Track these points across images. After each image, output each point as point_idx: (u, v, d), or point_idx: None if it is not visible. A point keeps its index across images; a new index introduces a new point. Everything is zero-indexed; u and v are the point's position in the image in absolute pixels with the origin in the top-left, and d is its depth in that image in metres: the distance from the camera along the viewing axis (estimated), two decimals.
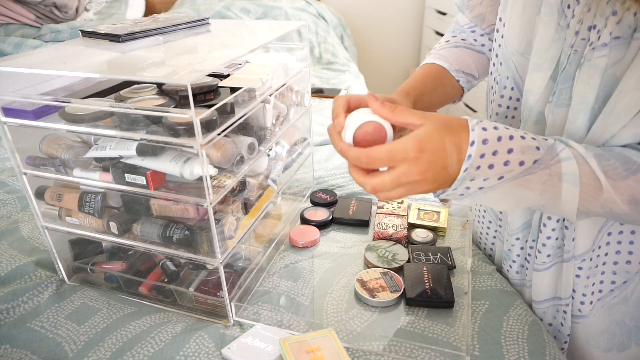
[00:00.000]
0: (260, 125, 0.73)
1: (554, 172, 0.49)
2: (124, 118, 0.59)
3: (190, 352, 0.61)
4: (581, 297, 0.65)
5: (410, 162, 0.47)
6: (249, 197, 0.73)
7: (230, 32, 0.78)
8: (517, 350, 0.61)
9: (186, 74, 0.52)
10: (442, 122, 0.49)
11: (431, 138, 0.47)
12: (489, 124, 0.49)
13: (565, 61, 0.55)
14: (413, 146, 0.47)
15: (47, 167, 0.66)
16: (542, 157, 0.49)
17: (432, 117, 0.49)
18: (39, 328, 0.65)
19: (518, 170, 0.49)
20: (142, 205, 0.65)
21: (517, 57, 0.63)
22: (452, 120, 0.49)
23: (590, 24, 0.51)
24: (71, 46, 0.69)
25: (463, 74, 0.75)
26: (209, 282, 0.70)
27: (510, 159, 0.48)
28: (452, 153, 0.48)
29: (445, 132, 0.48)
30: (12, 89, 0.63)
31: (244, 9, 2.19)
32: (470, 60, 0.76)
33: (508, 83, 0.66)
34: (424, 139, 0.47)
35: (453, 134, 0.48)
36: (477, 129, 0.48)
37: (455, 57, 0.75)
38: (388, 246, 0.80)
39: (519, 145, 0.48)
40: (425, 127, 0.48)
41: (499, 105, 0.68)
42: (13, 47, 1.67)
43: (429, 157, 0.47)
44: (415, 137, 0.47)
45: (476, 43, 0.77)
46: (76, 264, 0.74)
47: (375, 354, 0.61)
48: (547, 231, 0.64)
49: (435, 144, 0.47)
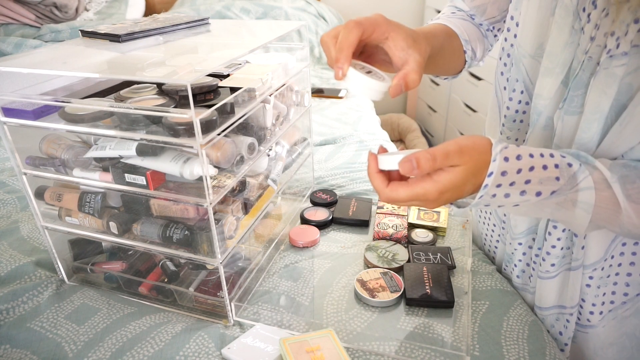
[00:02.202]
0: (260, 125, 0.73)
1: (569, 198, 0.49)
2: (123, 118, 0.59)
3: (190, 352, 0.61)
4: (590, 306, 0.64)
5: (429, 201, 0.50)
6: (249, 197, 0.73)
7: (230, 32, 0.78)
8: (517, 351, 0.61)
9: (186, 74, 0.52)
10: (474, 164, 0.48)
11: (454, 185, 0.48)
12: (512, 153, 0.48)
13: (578, 67, 0.53)
14: (434, 193, 0.48)
15: (47, 167, 0.66)
16: (561, 187, 0.49)
17: (469, 156, 0.48)
18: (39, 328, 0.64)
19: (534, 200, 0.49)
20: (142, 205, 0.65)
21: (528, 60, 0.61)
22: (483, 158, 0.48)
23: (607, 30, 0.50)
24: (71, 46, 0.69)
25: (470, 47, 0.73)
26: (209, 282, 0.70)
27: (527, 190, 0.48)
28: (470, 189, 0.49)
29: (472, 177, 0.48)
30: (12, 89, 0.63)
31: (244, 9, 2.19)
32: (475, 37, 0.74)
33: (518, 86, 0.64)
34: (446, 187, 0.48)
35: (477, 176, 0.48)
36: (498, 160, 0.48)
37: (464, 27, 0.72)
38: (388, 246, 0.80)
39: (538, 177, 0.48)
40: (454, 175, 0.48)
41: (507, 107, 0.66)
42: (13, 47, 1.67)
43: (447, 196, 0.49)
44: (438, 185, 0.48)
45: (479, 27, 0.76)
46: (76, 264, 0.74)
47: (375, 354, 0.61)
48: (552, 240, 0.63)
49: (457, 187, 0.48)
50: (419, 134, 2.44)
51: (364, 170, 1.11)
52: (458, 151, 0.47)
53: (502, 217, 0.76)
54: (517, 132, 0.67)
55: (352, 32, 0.51)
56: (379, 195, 0.52)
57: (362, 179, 1.06)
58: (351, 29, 0.51)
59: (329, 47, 0.53)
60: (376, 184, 0.52)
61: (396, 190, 0.50)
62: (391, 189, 0.50)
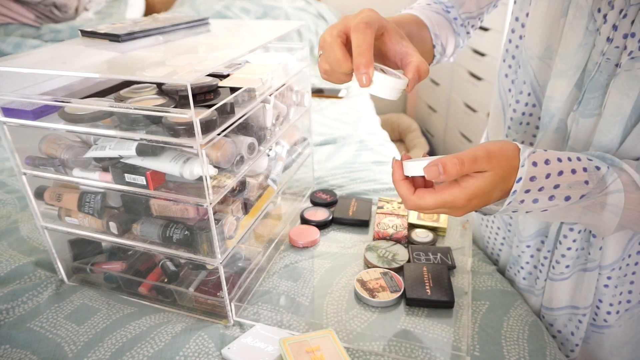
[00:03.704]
0: (260, 125, 0.73)
1: (597, 201, 0.49)
2: (123, 118, 0.59)
3: (190, 352, 0.61)
4: (608, 307, 0.64)
5: (457, 208, 0.48)
6: (249, 197, 0.73)
7: (230, 32, 0.78)
8: (517, 351, 0.61)
9: (186, 74, 0.52)
10: (502, 169, 0.47)
11: (482, 191, 0.47)
12: (540, 157, 0.48)
13: (594, 69, 0.53)
14: (462, 200, 0.47)
15: (46, 167, 0.66)
16: (590, 191, 0.48)
17: (497, 162, 0.47)
18: (39, 328, 0.64)
19: (563, 205, 0.49)
20: (142, 205, 0.65)
21: (536, 62, 0.60)
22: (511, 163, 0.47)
23: (627, 31, 0.49)
24: (71, 46, 0.69)
25: (440, 42, 0.69)
26: (209, 282, 0.70)
27: (556, 194, 0.48)
28: (498, 195, 0.48)
29: (500, 183, 0.47)
30: (12, 88, 0.63)
31: (243, 9, 2.18)
32: (447, 32, 0.71)
33: (525, 88, 0.64)
34: (474, 193, 0.47)
35: (505, 182, 0.47)
36: (527, 165, 0.47)
37: (436, 21, 0.69)
38: (388, 246, 0.80)
39: (567, 181, 0.48)
40: (482, 181, 0.46)
41: (514, 110, 0.66)
42: (13, 46, 1.67)
43: (475, 203, 0.48)
44: (466, 191, 0.47)
45: (453, 22, 0.72)
46: (76, 264, 0.74)
47: (375, 354, 0.61)
48: (567, 242, 0.62)
49: (485, 193, 0.47)
50: (419, 134, 2.44)
51: (364, 170, 1.11)
52: (486, 156, 0.46)
53: (508, 220, 0.75)
54: (524, 135, 0.67)
55: (367, 33, 0.47)
56: (405, 203, 0.50)
57: (362, 179, 1.06)
58: (364, 31, 0.47)
59: (333, 47, 0.49)
60: (402, 191, 0.50)
61: (423, 197, 0.48)
62: (418, 196, 0.49)
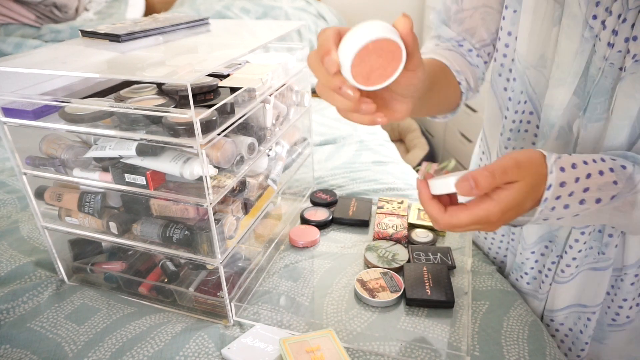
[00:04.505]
0: (260, 125, 0.73)
1: (628, 201, 0.49)
2: (123, 118, 0.59)
3: (190, 352, 0.61)
4: (631, 303, 0.64)
5: (491, 223, 0.47)
6: (249, 197, 0.73)
7: (230, 32, 0.78)
8: (517, 351, 0.61)
9: (186, 74, 0.52)
10: (532, 178, 0.46)
11: (516, 202, 0.46)
12: (566, 162, 0.47)
13: (597, 74, 0.53)
14: (497, 214, 0.46)
15: (46, 167, 0.66)
16: (620, 191, 0.48)
17: (526, 171, 0.46)
18: (39, 328, 0.64)
19: (594, 208, 0.48)
20: (142, 205, 0.65)
21: (531, 71, 0.61)
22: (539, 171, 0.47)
23: (628, 35, 0.49)
24: (71, 46, 0.69)
25: (463, 78, 0.68)
26: (209, 282, 0.70)
27: (586, 198, 0.48)
28: (529, 205, 0.48)
29: (531, 192, 0.47)
30: (12, 89, 0.63)
31: (243, 9, 2.18)
32: (466, 68, 0.69)
33: (522, 97, 0.64)
34: (508, 206, 0.46)
35: (536, 191, 0.47)
36: (555, 171, 0.47)
37: (452, 58, 0.68)
38: (388, 246, 0.80)
39: (596, 183, 0.47)
40: (514, 192, 0.46)
41: (512, 121, 0.66)
42: (13, 47, 1.67)
43: (509, 215, 0.47)
44: (500, 204, 0.46)
45: (468, 55, 0.70)
46: (76, 264, 0.74)
47: (375, 354, 0.61)
48: (578, 246, 0.62)
49: (519, 204, 0.46)
50: (419, 134, 2.44)
51: (364, 170, 1.11)
52: (515, 166, 0.46)
53: (512, 227, 0.75)
54: (522, 142, 0.67)
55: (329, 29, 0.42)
56: (437, 222, 0.49)
57: (362, 179, 1.06)
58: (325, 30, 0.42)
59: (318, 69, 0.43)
60: (432, 211, 0.49)
61: (456, 215, 0.47)
62: (450, 215, 0.47)
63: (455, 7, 0.68)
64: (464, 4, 0.67)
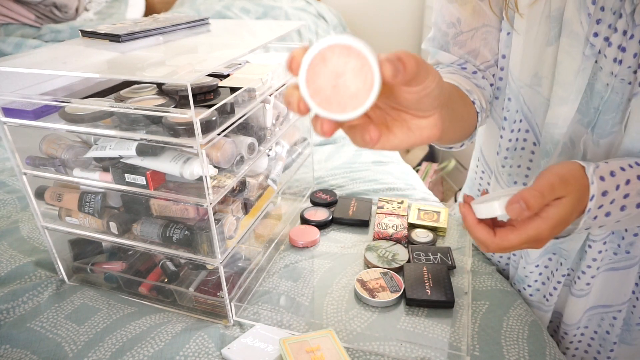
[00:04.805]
0: (260, 125, 0.73)
1: None
2: (123, 118, 0.59)
3: (190, 352, 0.61)
4: None
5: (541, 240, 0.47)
6: (249, 197, 0.73)
7: (230, 32, 0.78)
8: (517, 351, 0.61)
9: (186, 74, 0.52)
10: (577, 191, 0.47)
11: (564, 218, 0.46)
12: (605, 171, 0.48)
13: (605, 90, 0.53)
14: (547, 231, 0.46)
15: (47, 167, 0.66)
16: None
17: (572, 185, 0.46)
18: (39, 328, 0.64)
19: (635, 212, 0.49)
20: (142, 205, 0.65)
21: (526, 90, 0.61)
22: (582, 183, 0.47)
23: (636, 51, 0.50)
24: (71, 46, 0.69)
25: (475, 97, 0.62)
26: (209, 282, 0.70)
27: (627, 204, 0.48)
28: (575, 217, 0.48)
29: (577, 205, 0.47)
30: (12, 89, 0.63)
31: (243, 9, 2.18)
32: (474, 87, 0.65)
33: (517, 116, 0.64)
34: (557, 222, 0.46)
35: (580, 203, 0.47)
36: (596, 181, 0.47)
37: (460, 79, 0.64)
38: (388, 246, 0.80)
39: (635, 188, 0.48)
40: (562, 207, 0.46)
41: (509, 140, 0.66)
42: (13, 47, 1.67)
43: (557, 230, 0.47)
44: (549, 222, 0.46)
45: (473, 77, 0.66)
46: (76, 264, 0.74)
47: (375, 354, 0.61)
48: (592, 253, 0.62)
49: (566, 219, 0.47)
50: None
51: (364, 170, 1.11)
52: (561, 182, 0.46)
53: None
54: (520, 159, 0.67)
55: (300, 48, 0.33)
56: (487, 246, 0.48)
57: (362, 179, 1.06)
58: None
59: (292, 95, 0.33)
60: (481, 236, 0.48)
61: (507, 238, 0.47)
62: (501, 238, 0.47)
63: (453, 31, 0.66)
64: (462, 26, 0.65)
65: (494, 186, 0.73)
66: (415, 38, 2.90)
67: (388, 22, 2.85)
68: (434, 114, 0.37)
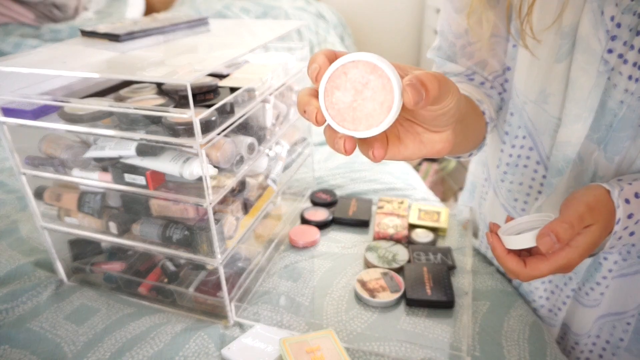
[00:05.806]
0: (260, 125, 0.73)
1: None
2: (123, 118, 0.59)
3: (190, 352, 0.61)
4: None
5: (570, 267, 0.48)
6: (249, 197, 0.72)
7: (230, 32, 0.78)
8: (517, 351, 0.61)
9: (186, 73, 0.52)
10: (604, 218, 0.48)
11: (593, 244, 0.47)
12: (630, 193, 0.48)
13: (618, 108, 0.53)
14: (576, 259, 0.47)
15: (46, 167, 0.66)
16: None
17: (599, 213, 0.47)
18: (38, 328, 0.64)
19: None
20: (142, 205, 0.65)
21: (531, 106, 0.60)
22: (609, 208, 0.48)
23: None
24: (70, 46, 0.69)
25: (485, 107, 0.62)
26: (209, 282, 0.70)
27: None
28: (602, 240, 0.49)
29: (604, 230, 0.48)
30: (12, 88, 0.63)
31: (243, 9, 2.18)
32: (484, 97, 0.63)
33: (520, 132, 0.63)
34: (586, 249, 0.47)
35: (608, 228, 0.48)
36: (622, 205, 0.48)
37: (470, 89, 0.62)
38: (388, 246, 0.80)
39: None
40: (591, 236, 0.47)
41: (509, 155, 0.66)
42: (12, 46, 1.67)
43: (586, 255, 0.48)
44: (579, 250, 0.47)
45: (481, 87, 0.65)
46: (75, 264, 0.74)
47: (375, 354, 0.61)
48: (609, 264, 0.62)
49: (594, 244, 0.47)
50: None
51: (364, 170, 1.11)
52: (589, 211, 0.47)
53: None
54: (521, 176, 0.67)
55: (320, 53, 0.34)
56: (517, 276, 0.49)
57: (362, 179, 1.06)
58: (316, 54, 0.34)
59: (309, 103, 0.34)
60: (512, 266, 0.49)
61: (538, 267, 0.48)
62: (532, 268, 0.48)
63: (461, 42, 0.64)
64: (470, 37, 0.63)
65: (492, 199, 0.73)
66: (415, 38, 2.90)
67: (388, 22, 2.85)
68: (448, 129, 0.37)
